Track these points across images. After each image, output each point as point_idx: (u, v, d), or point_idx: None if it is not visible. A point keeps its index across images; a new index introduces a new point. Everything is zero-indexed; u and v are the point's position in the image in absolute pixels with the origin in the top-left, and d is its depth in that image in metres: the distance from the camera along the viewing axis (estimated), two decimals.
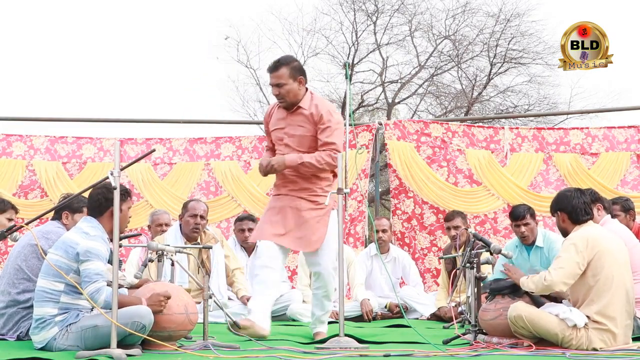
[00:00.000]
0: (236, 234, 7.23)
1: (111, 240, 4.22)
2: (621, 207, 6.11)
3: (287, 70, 4.98)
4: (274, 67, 5.00)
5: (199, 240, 6.48)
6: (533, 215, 5.88)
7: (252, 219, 7.31)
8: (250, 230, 7.09)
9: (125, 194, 4.33)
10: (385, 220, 7.54)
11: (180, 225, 6.48)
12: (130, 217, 4.47)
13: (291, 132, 5.07)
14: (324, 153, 4.97)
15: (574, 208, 4.44)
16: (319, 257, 5.03)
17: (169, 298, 4.18)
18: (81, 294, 4.09)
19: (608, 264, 4.25)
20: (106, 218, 4.29)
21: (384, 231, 7.36)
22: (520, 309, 4.27)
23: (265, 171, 5.06)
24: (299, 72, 5.02)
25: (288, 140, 5.07)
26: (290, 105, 5.06)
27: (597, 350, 4.17)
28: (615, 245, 4.39)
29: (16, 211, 5.79)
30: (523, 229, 5.71)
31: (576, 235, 4.35)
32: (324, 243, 5.00)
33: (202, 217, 6.42)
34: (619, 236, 4.88)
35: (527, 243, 5.75)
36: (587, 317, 4.22)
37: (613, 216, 6.07)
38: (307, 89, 5.09)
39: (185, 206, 6.55)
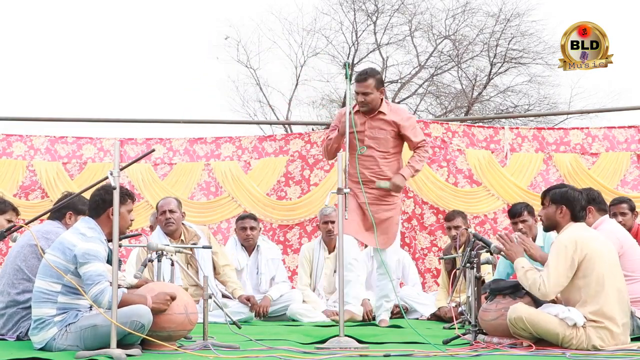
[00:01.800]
0: (237, 233, 7.23)
1: (110, 240, 4.21)
2: (629, 207, 6.12)
3: (373, 81, 5.78)
4: (363, 79, 5.79)
5: (182, 237, 6.52)
6: (531, 213, 5.88)
7: (253, 217, 7.31)
8: (252, 229, 7.10)
9: (125, 195, 4.31)
10: None
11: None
12: (132, 220, 4.44)
13: (373, 135, 5.83)
14: (421, 151, 5.90)
15: (582, 207, 4.47)
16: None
17: (174, 298, 4.17)
18: (79, 294, 4.08)
19: (598, 265, 4.26)
20: (104, 219, 4.28)
21: None
22: (520, 310, 4.27)
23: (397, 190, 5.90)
24: (381, 84, 5.86)
25: (369, 142, 5.84)
26: (370, 111, 5.81)
27: (597, 347, 4.18)
28: (604, 245, 4.40)
29: (17, 213, 5.75)
30: (521, 226, 5.71)
31: (565, 237, 4.35)
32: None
33: (171, 211, 6.50)
34: (615, 236, 4.90)
35: None
36: (583, 316, 4.23)
37: (617, 215, 6.09)
38: (382, 98, 5.88)
39: (156, 207, 6.72)
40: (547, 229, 4.56)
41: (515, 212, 5.81)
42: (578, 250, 4.25)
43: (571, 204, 4.44)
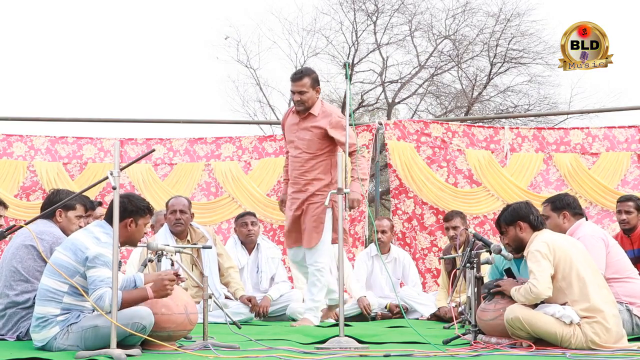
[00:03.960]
0: (238, 231, 7.21)
1: (122, 246, 4.24)
2: (635, 206, 6.11)
3: (309, 80, 5.80)
4: (299, 77, 5.81)
5: (189, 238, 6.52)
6: None
7: (253, 214, 7.32)
8: (253, 224, 7.10)
9: (145, 209, 4.32)
10: (386, 221, 7.52)
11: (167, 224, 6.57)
12: (145, 233, 4.47)
13: (301, 135, 5.84)
14: (354, 158, 5.78)
15: (535, 217, 4.56)
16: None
17: (172, 280, 4.14)
18: (84, 296, 4.08)
19: (574, 264, 4.33)
20: (120, 227, 4.22)
21: (383, 232, 7.33)
22: (517, 311, 4.30)
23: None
24: (317, 83, 5.85)
25: (298, 143, 5.87)
26: (304, 111, 5.83)
27: (595, 343, 4.20)
28: (572, 245, 4.49)
29: (5, 206, 5.65)
30: None
31: (536, 244, 4.43)
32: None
33: (182, 211, 6.48)
34: (597, 237, 4.92)
35: None
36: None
37: (622, 212, 6.07)
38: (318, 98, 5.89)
39: (166, 205, 6.66)
40: (518, 250, 4.60)
41: None
42: (551, 251, 4.34)
43: (524, 217, 4.54)
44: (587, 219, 5.28)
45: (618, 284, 4.85)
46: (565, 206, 5.15)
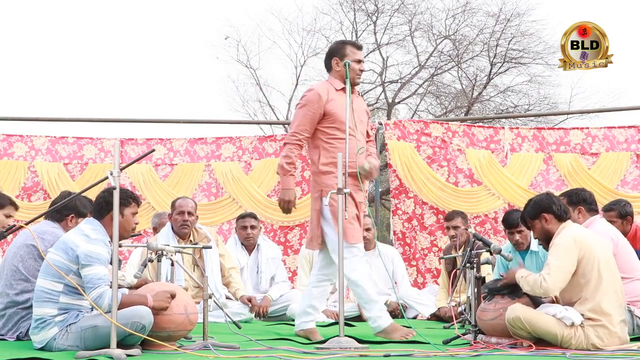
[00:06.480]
0: (238, 232, 7.22)
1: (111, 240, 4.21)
2: (617, 214, 6.00)
3: None
4: (361, 47, 5.09)
5: (192, 238, 6.52)
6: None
7: (254, 216, 7.31)
8: (252, 227, 7.09)
9: (129, 198, 4.32)
10: (368, 219, 7.37)
11: (172, 224, 6.54)
12: (136, 223, 4.45)
13: (362, 118, 5.04)
14: (373, 147, 5.20)
15: (557, 207, 4.49)
16: None
17: (174, 296, 4.17)
18: (81, 294, 4.08)
19: (596, 263, 4.29)
20: (108, 221, 4.25)
21: (367, 230, 7.26)
22: (518, 311, 4.28)
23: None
24: None
25: (360, 126, 4.97)
26: (353, 87, 5.00)
27: (596, 346, 4.19)
28: (599, 243, 4.44)
29: (16, 207, 5.64)
30: (517, 236, 5.66)
31: (562, 237, 4.37)
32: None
33: (189, 213, 6.46)
34: (609, 237, 4.90)
35: (522, 249, 5.72)
36: (581, 314, 4.24)
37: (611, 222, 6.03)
38: None
39: (172, 204, 6.64)
40: (546, 242, 4.51)
41: (512, 223, 5.71)
42: (577, 247, 4.28)
43: (547, 208, 4.48)
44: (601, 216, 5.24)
45: (624, 284, 4.84)
46: (581, 201, 5.12)
